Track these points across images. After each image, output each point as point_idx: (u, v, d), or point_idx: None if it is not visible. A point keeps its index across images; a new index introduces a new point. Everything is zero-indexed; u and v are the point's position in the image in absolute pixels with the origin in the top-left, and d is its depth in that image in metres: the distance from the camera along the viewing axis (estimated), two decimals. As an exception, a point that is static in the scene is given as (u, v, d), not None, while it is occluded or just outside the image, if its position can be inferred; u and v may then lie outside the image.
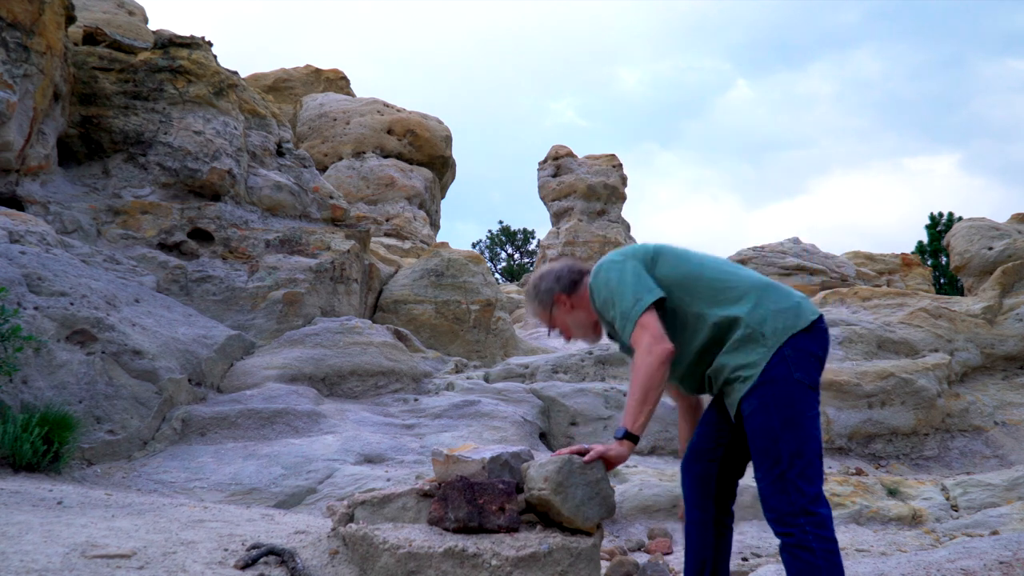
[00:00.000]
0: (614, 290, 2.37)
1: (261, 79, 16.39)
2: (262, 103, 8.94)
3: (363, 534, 2.32)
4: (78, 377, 5.01)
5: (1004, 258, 10.12)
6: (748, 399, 2.25)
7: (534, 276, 2.66)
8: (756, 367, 2.24)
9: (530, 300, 2.65)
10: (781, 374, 2.23)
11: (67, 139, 7.41)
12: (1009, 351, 8.94)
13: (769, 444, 2.22)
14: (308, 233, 8.04)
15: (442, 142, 15.27)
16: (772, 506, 2.23)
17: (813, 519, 2.16)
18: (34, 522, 2.71)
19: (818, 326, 2.34)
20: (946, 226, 21.63)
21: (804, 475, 2.19)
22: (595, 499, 2.24)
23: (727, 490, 2.54)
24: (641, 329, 2.26)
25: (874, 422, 7.60)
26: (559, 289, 2.57)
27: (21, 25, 6.48)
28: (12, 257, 5.42)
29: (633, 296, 2.31)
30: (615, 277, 2.39)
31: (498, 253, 31.35)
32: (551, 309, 2.58)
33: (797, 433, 2.21)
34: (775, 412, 2.21)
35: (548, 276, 2.60)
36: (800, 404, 2.23)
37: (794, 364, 2.24)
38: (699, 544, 2.50)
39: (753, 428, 2.25)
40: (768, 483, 2.23)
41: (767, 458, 2.23)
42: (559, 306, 2.57)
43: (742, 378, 2.27)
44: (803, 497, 2.17)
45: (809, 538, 2.15)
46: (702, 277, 2.39)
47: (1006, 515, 5.49)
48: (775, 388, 2.22)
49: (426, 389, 7.18)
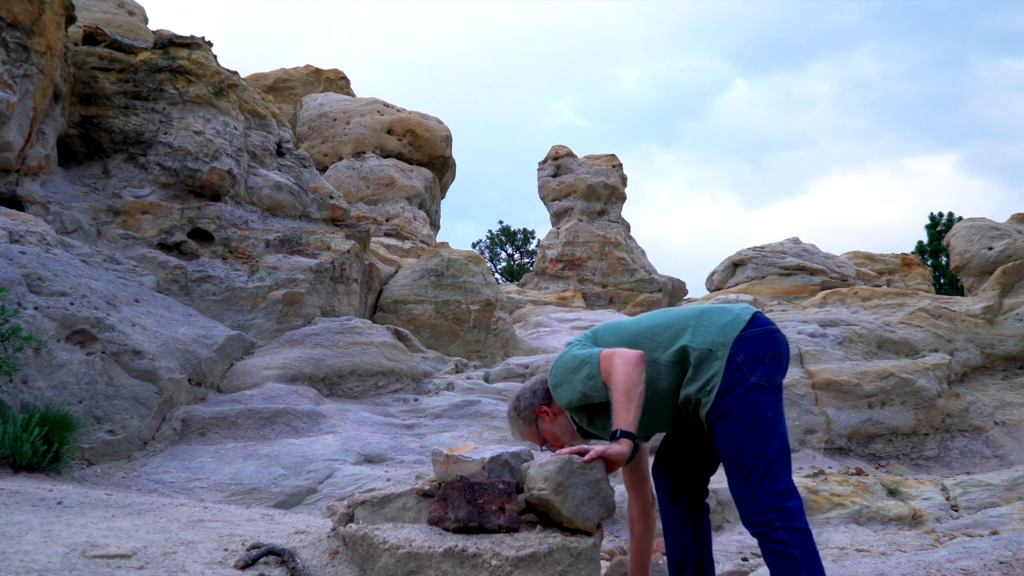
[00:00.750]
0: (568, 371, 2.47)
1: (261, 79, 16.38)
2: (262, 103, 8.94)
3: (363, 534, 2.32)
4: (78, 377, 5.01)
5: (1004, 258, 10.12)
6: (712, 411, 2.37)
7: (511, 402, 2.73)
8: (715, 381, 2.36)
9: (515, 423, 2.69)
10: (737, 380, 2.35)
11: (67, 139, 7.41)
12: (1009, 351, 8.94)
13: (732, 449, 2.33)
14: (308, 233, 8.04)
15: (442, 142, 15.27)
16: (743, 508, 2.34)
17: (781, 513, 2.27)
18: (34, 522, 2.71)
19: (760, 326, 2.44)
20: (946, 226, 21.64)
21: (769, 473, 2.30)
22: (595, 499, 2.24)
23: (696, 483, 2.67)
24: (605, 358, 2.38)
25: (874, 422, 7.60)
26: (538, 402, 2.63)
27: (21, 25, 6.48)
28: (12, 257, 5.42)
29: (584, 359, 2.44)
30: (564, 365, 2.51)
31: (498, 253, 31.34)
32: (536, 424, 2.63)
33: (757, 435, 2.32)
34: (735, 418, 2.33)
35: (524, 396, 2.67)
36: (758, 407, 2.34)
37: (748, 368, 2.36)
38: (678, 537, 2.63)
39: (718, 437, 2.37)
40: (737, 486, 2.35)
41: (733, 463, 2.35)
42: (543, 418, 2.62)
43: (703, 399, 2.39)
44: (770, 495, 2.28)
45: (781, 532, 2.25)
46: (642, 333, 2.51)
47: (1006, 515, 5.49)
48: (733, 395, 2.34)
49: (426, 389, 7.18)
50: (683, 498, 2.64)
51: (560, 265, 16.21)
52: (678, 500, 2.64)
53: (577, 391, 2.45)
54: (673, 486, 2.64)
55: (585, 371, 2.42)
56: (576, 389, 2.44)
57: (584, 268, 16.10)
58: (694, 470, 2.65)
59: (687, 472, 2.64)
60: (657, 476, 2.69)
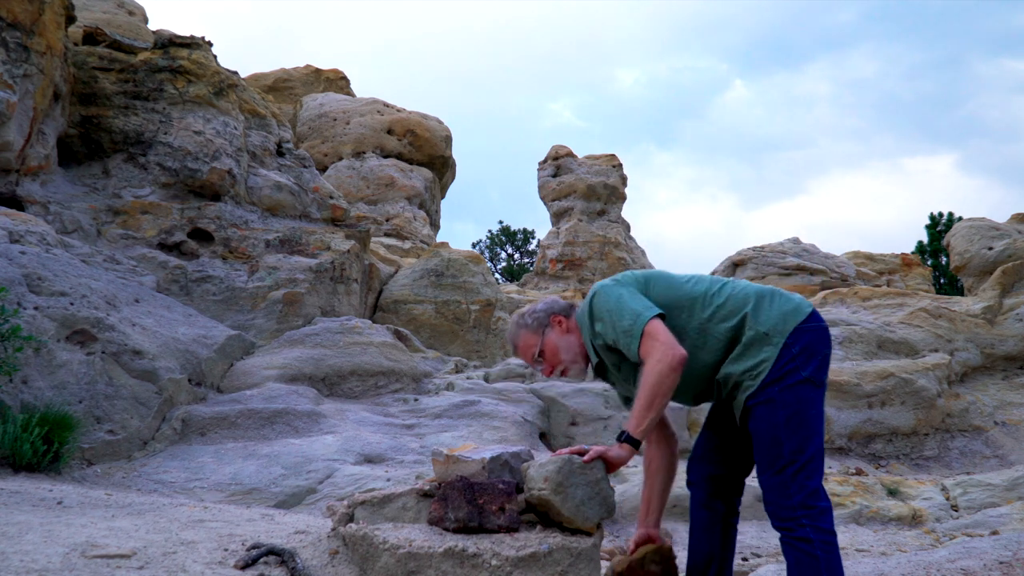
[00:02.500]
0: (612, 311, 2.33)
1: (261, 79, 16.38)
2: (262, 103, 8.94)
3: (363, 534, 2.32)
4: (78, 377, 5.01)
5: (1004, 258, 10.12)
6: (755, 396, 2.27)
7: (521, 310, 2.59)
8: (764, 366, 2.26)
9: (518, 329, 2.54)
10: (789, 371, 2.26)
11: (67, 139, 7.41)
12: (1009, 351, 8.93)
13: (772, 440, 2.25)
14: (308, 233, 8.04)
15: (442, 142, 15.27)
16: (771, 500, 2.26)
17: (811, 512, 2.20)
18: (34, 522, 2.71)
19: (818, 322, 2.36)
20: (946, 226, 21.63)
21: (805, 470, 2.22)
22: (595, 499, 2.24)
23: (735, 488, 2.56)
24: (650, 339, 2.23)
25: (874, 422, 7.60)
26: (557, 311, 2.52)
27: (21, 25, 6.48)
28: (12, 257, 5.42)
29: (632, 313, 2.29)
30: (613, 300, 2.35)
31: (498, 253, 31.33)
32: (543, 332, 2.49)
33: (799, 430, 2.23)
34: (780, 409, 2.24)
35: (539, 305, 2.55)
36: (805, 402, 2.26)
37: (801, 362, 2.27)
38: (707, 543, 2.52)
39: (758, 425, 2.28)
40: (769, 478, 2.26)
41: (769, 454, 2.25)
42: (554, 328, 2.49)
43: (747, 383, 2.29)
44: (802, 492, 2.21)
45: (807, 531, 2.19)
46: (695, 299, 2.38)
47: (1006, 515, 5.49)
48: (782, 385, 2.25)
49: (426, 389, 7.18)
50: (719, 503, 2.52)
51: (560, 265, 16.21)
52: (713, 506, 2.53)
53: (610, 338, 2.34)
54: (709, 491, 2.53)
55: (626, 325, 2.28)
56: (612, 335, 2.33)
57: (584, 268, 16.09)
58: (730, 473, 2.54)
59: (723, 476, 2.54)
60: (694, 478, 2.57)
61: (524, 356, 2.55)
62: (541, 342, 2.49)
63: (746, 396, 2.29)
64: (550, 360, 2.50)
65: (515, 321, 2.58)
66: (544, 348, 2.49)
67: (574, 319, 2.51)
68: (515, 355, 2.61)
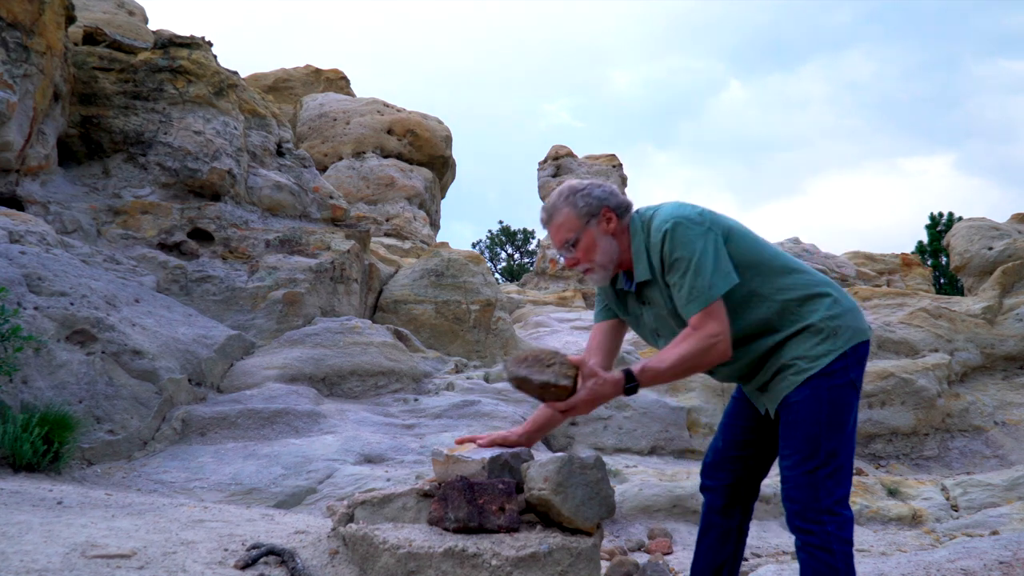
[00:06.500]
0: (696, 257, 2.11)
1: (261, 79, 16.38)
2: (262, 103, 8.93)
3: (363, 534, 2.32)
4: (78, 377, 5.01)
5: (1004, 258, 10.12)
6: (800, 389, 2.18)
7: (573, 182, 2.27)
8: (819, 360, 2.17)
9: (563, 202, 2.24)
10: (841, 369, 2.19)
11: (67, 139, 7.41)
12: (1009, 351, 8.93)
13: (810, 436, 2.16)
14: (308, 233, 8.04)
15: (442, 142, 15.27)
16: (798, 499, 2.17)
17: (836, 519, 2.13)
18: (34, 522, 2.71)
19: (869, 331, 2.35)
20: (946, 226, 21.63)
21: (836, 475, 2.15)
22: (595, 499, 2.24)
23: (753, 493, 2.50)
24: (708, 316, 2.10)
25: (874, 422, 7.60)
26: (612, 204, 2.24)
27: (21, 25, 6.48)
28: (12, 257, 5.42)
29: (711, 277, 2.10)
30: (699, 245, 2.12)
31: (498, 253, 31.33)
32: (588, 220, 2.21)
33: (838, 433, 2.17)
34: (826, 407, 2.16)
35: (596, 186, 2.24)
36: (848, 406, 2.19)
37: (852, 364, 2.21)
38: (719, 548, 2.47)
39: (796, 418, 2.18)
40: (797, 475, 2.17)
41: (803, 450, 2.16)
42: (602, 222, 2.22)
43: (799, 368, 2.19)
44: (830, 497, 2.14)
45: (831, 539, 2.12)
46: (777, 267, 2.24)
47: (1006, 515, 5.49)
48: (831, 383, 2.17)
49: (426, 389, 7.18)
50: (739, 509, 2.46)
51: (560, 265, 16.20)
52: (731, 513, 2.45)
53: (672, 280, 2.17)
54: (727, 499, 2.45)
55: (698, 284, 2.10)
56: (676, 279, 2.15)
57: (584, 268, 16.08)
58: (749, 477, 2.47)
59: (742, 482, 2.46)
60: (713, 485, 2.49)
61: (555, 237, 2.27)
62: (582, 232, 2.22)
63: (786, 383, 2.20)
64: (583, 255, 2.24)
65: (563, 193, 2.26)
66: (581, 239, 2.23)
67: (626, 221, 2.26)
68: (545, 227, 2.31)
